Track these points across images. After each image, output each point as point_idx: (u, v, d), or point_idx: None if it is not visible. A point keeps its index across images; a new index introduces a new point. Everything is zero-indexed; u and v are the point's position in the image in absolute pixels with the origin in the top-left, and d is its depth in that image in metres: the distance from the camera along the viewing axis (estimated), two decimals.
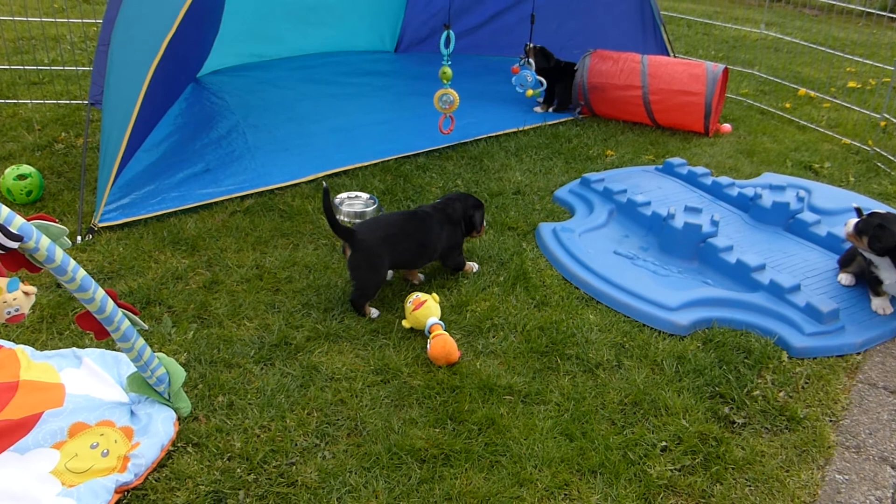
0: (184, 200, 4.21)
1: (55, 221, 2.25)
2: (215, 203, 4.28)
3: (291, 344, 3.20)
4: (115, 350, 3.01)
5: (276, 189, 4.49)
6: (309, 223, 4.17)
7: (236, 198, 4.35)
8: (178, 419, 2.72)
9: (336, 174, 4.73)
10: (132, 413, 2.68)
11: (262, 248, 3.91)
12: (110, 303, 2.39)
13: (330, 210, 3.30)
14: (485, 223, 3.86)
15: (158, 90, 4.22)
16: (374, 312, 3.43)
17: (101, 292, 2.34)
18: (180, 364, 2.88)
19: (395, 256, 3.48)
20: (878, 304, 3.55)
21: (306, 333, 3.27)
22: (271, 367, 3.06)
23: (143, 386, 2.69)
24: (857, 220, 3.55)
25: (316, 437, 2.73)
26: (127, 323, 2.47)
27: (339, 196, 4.38)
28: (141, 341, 2.53)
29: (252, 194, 4.40)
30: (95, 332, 2.45)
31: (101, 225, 3.91)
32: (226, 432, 2.70)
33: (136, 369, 2.65)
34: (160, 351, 3.03)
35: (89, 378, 2.79)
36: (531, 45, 5.68)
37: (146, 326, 2.81)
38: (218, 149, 4.88)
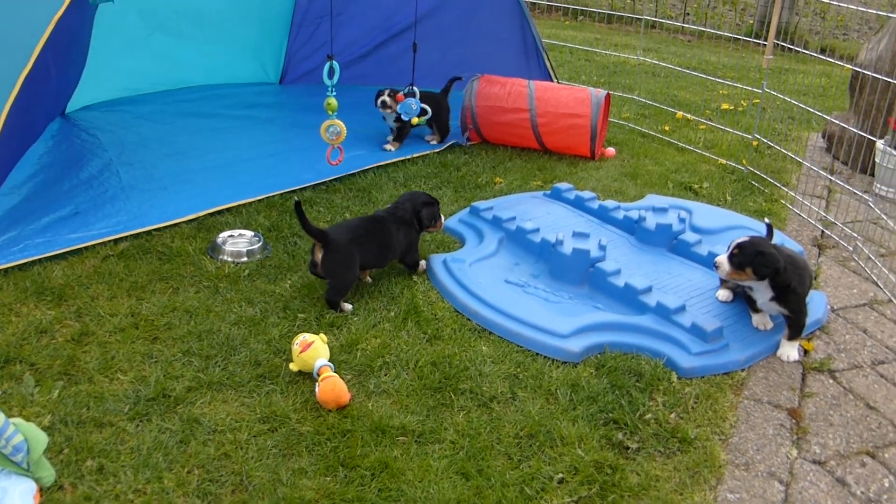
0: (50, 246, 3.92)
1: None
2: (86, 248, 4.01)
3: (170, 396, 3.00)
4: None
5: (154, 230, 4.25)
6: (190, 265, 3.97)
7: (109, 241, 4.08)
8: (40, 490, 2.49)
9: (218, 212, 4.54)
10: None
11: (139, 293, 3.68)
12: None
13: (303, 216, 3.52)
14: (441, 218, 4.06)
15: (16, 128, 3.94)
16: (347, 307, 3.66)
17: None
18: (43, 427, 2.65)
19: (363, 256, 3.71)
20: (758, 319, 3.66)
21: (187, 383, 3.08)
22: (147, 424, 2.85)
23: None
24: (727, 255, 3.45)
25: (197, 497, 2.54)
26: None
27: (220, 235, 4.19)
28: None
29: (127, 237, 4.15)
30: None
31: None
32: (95, 500, 2.49)
33: None
34: (20, 414, 2.79)
35: None
36: (410, 88, 5.59)
37: None
38: (89, 189, 4.58)
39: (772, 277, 3.38)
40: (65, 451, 2.67)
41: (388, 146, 5.69)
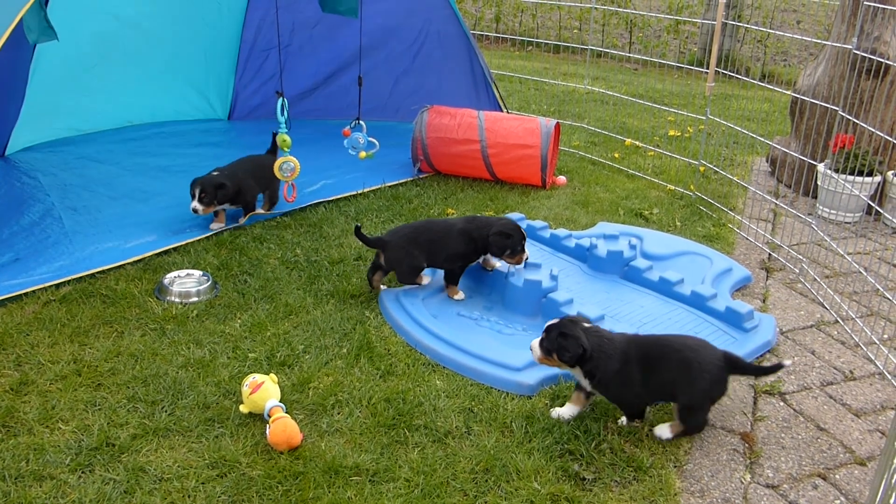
0: None
1: None
2: (26, 294, 3.89)
3: (115, 444, 2.91)
4: None
5: (98, 273, 4.15)
6: (136, 307, 3.88)
7: (51, 286, 3.97)
8: None
9: (165, 252, 4.45)
10: None
11: (82, 339, 3.58)
12: None
13: (362, 236, 4.00)
14: (523, 252, 4.02)
15: None
16: (425, 280, 4.13)
17: None
18: None
19: (420, 252, 4.01)
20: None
21: (132, 431, 2.99)
22: (90, 475, 2.76)
23: None
24: (538, 339, 3.15)
25: None
26: None
27: (168, 276, 4.10)
28: None
29: (69, 281, 4.04)
30: None
31: None
32: None
33: None
34: None
35: None
36: (356, 122, 5.54)
37: None
38: (30, 236, 4.45)
39: (578, 364, 3.06)
40: None
41: (214, 224, 4.80)
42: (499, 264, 4.23)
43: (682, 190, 5.96)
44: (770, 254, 4.94)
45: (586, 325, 3.11)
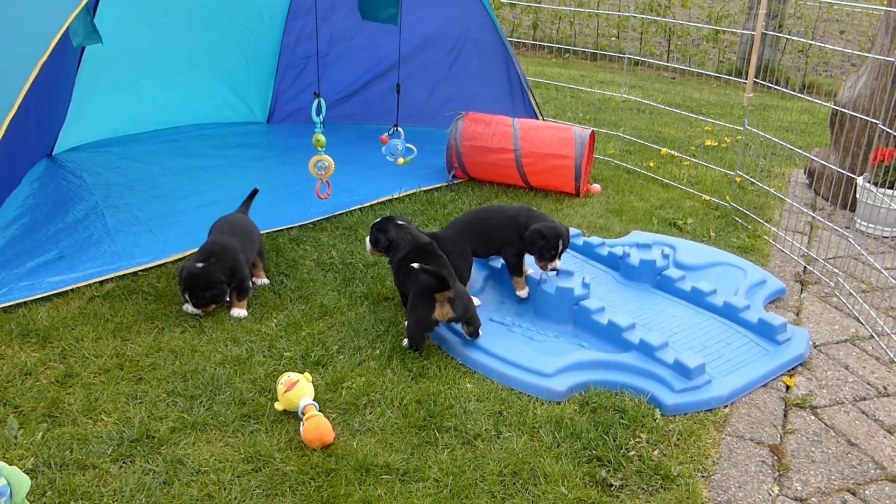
0: (34, 290, 3.94)
1: None
2: (71, 289, 4.02)
3: (154, 437, 3.00)
4: None
5: (140, 271, 4.28)
6: (176, 304, 3.99)
7: (95, 283, 4.11)
8: None
9: None
10: None
11: (124, 334, 3.69)
12: None
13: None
14: (553, 262, 4.01)
15: (2, 170, 3.97)
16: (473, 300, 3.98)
17: None
18: (27, 470, 2.65)
19: (472, 243, 4.11)
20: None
21: (171, 424, 3.08)
22: (131, 465, 2.85)
23: None
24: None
25: None
26: None
27: None
28: None
29: (113, 278, 4.17)
30: None
31: None
32: None
33: None
34: (4, 457, 2.79)
35: None
36: (394, 129, 5.58)
37: None
38: (74, 234, 4.60)
39: (387, 252, 3.91)
40: (48, 493, 2.67)
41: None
42: (531, 270, 4.27)
43: (718, 200, 5.94)
44: (805, 267, 4.91)
45: (400, 223, 3.89)
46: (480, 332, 3.67)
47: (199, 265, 3.85)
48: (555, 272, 4.06)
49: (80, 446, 2.92)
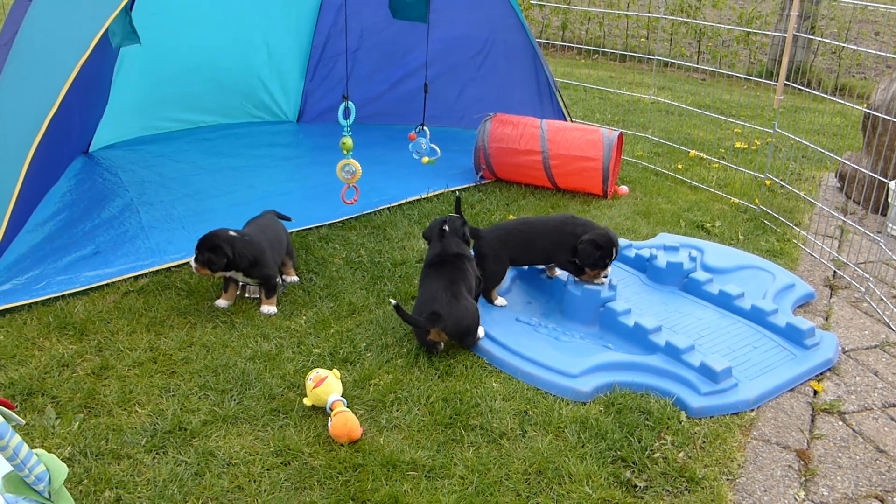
0: (71, 284, 4.04)
1: None
2: (107, 284, 4.12)
3: (186, 429, 3.07)
4: None
5: (173, 267, 4.36)
6: (208, 300, 4.06)
7: (129, 278, 4.20)
8: None
9: None
10: None
11: (157, 328, 3.78)
12: None
13: (460, 213, 4.21)
14: (604, 270, 4.01)
15: (41, 167, 4.08)
16: (498, 301, 4.11)
17: None
18: (63, 458, 2.73)
19: (511, 251, 4.12)
20: None
21: (203, 417, 3.15)
22: (164, 456, 2.92)
23: (20, 486, 2.51)
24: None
25: None
26: (0, 419, 2.32)
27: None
28: (16, 439, 2.37)
29: (147, 273, 4.26)
30: None
31: None
32: None
33: (11, 468, 2.47)
34: (42, 445, 2.86)
35: None
36: (420, 128, 5.59)
37: (22, 422, 2.64)
38: (109, 230, 4.72)
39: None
40: (84, 481, 2.74)
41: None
42: (559, 272, 4.29)
43: (747, 203, 5.91)
44: (835, 271, 4.87)
45: (446, 228, 3.93)
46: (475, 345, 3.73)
47: (223, 230, 3.97)
48: (606, 279, 4.07)
49: (114, 437, 2.99)
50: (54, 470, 2.55)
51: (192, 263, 3.91)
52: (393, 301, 3.56)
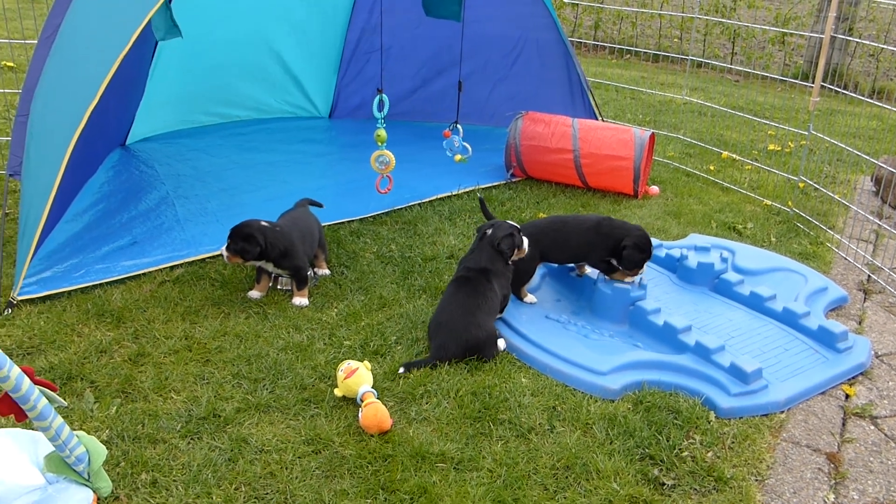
0: (109, 273, 4.13)
1: None
2: (143, 273, 4.20)
3: (220, 416, 3.13)
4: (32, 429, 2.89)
5: (208, 258, 4.44)
6: (241, 291, 4.13)
7: (165, 268, 4.28)
8: (98, 500, 2.62)
9: None
10: (43, 496, 2.56)
11: (192, 317, 3.85)
12: (26, 381, 2.30)
13: (488, 214, 4.32)
14: (635, 269, 4.04)
15: (81, 158, 4.17)
16: (528, 298, 4.13)
17: (16, 370, 2.26)
18: (102, 441, 2.78)
19: (543, 249, 4.11)
20: None
21: (236, 405, 3.21)
22: (198, 441, 2.98)
23: (60, 466, 2.58)
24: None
25: None
26: (44, 401, 2.39)
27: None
28: (58, 420, 2.45)
29: (182, 264, 4.34)
30: (15, 415, 2.37)
31: (20, 298, 3.80)
32: None
33: (53, 449, 2.55)
34: (81, 428, 2.93)
35: (2, 460, 2.66)
36: (454, 125, 5.61)
37: (65, 403, 2.71)
38: (146, 221, 4.81)
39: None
40: (121, 464, 2.81)
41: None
42: (589, 270, 4.30)
43: (780, 206, 5.86)
44: (869, 275, 4.82)
45: (486, 232, 3.87)
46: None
47: (255, 220, 4.02)
48: (636, 278, 4.09)
49: (150, 421, 3.06)
50: (94, 452, 2.62)
51: (224, 252, 3.97)
52: (401, 369, 3.49)
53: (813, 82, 5.49)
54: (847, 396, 3.57)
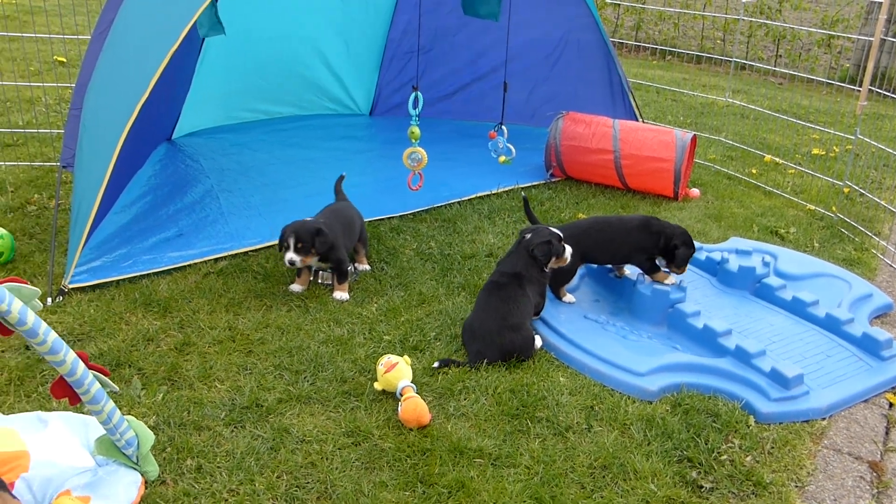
0: (156, 263, 4.24)
1: (27, 283, 2.27)
2: (188, 265, 4.30)
3: (263, 406, 3.19)
4: (84, 413, 2.99)
5: (251, 251, 4.52)
6: (283, 284, 4.20)
7: (210, 260, 4.37)
8: (146, 483, 2.69)
9: None
10: (93, 478, 2.64)
11: (236, 309, 3.92)
12: (81, 365, 2.39)
13: (531, 214, 4.36)
14: (683, 266, 4.10)
15: (130, 151, 4.28)
16: (569, 297, 4.13)
17: (71, 355, 2.34)
18: (149, 427, 2.86)
19: (584, 250, 4.08)
20: None
21: (278, 395, 3.27)
22: (242, 430, 3.05)
23: (111, 449, 2.66)
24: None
25: (285, 501, 2.72)
26: (97, 385, 2.47)
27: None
28: (110, 404, 2.53)
29: (226, 256, 4.43)
30: (69, 398, 2.45)
31: (71, 286, 3.91)
32: (193, 496, 2.68)
33: (104, 432, 2.63)
34: (129, 414, 3.01)
35: (55, 443, 2.76)
36: (499, 126, 5.62)
37: (116, 388, 2.79)
38: (191, 214, 4.91)
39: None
40: (167, 449, 2.89)
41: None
42: (628, 271, 4.29)
43: (823, 210, 5.78)
44: None
45: (524, 237, 3.85)
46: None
47: (302, 221, 4.08)
48: (676, 279, 4.12)
49: (196, 409, 3.13)
50: (142, 436, 2.70)
51: (294, 256, 3.96)
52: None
53: (860, 86, 5.39)
54: (891, 405, 3.52)
